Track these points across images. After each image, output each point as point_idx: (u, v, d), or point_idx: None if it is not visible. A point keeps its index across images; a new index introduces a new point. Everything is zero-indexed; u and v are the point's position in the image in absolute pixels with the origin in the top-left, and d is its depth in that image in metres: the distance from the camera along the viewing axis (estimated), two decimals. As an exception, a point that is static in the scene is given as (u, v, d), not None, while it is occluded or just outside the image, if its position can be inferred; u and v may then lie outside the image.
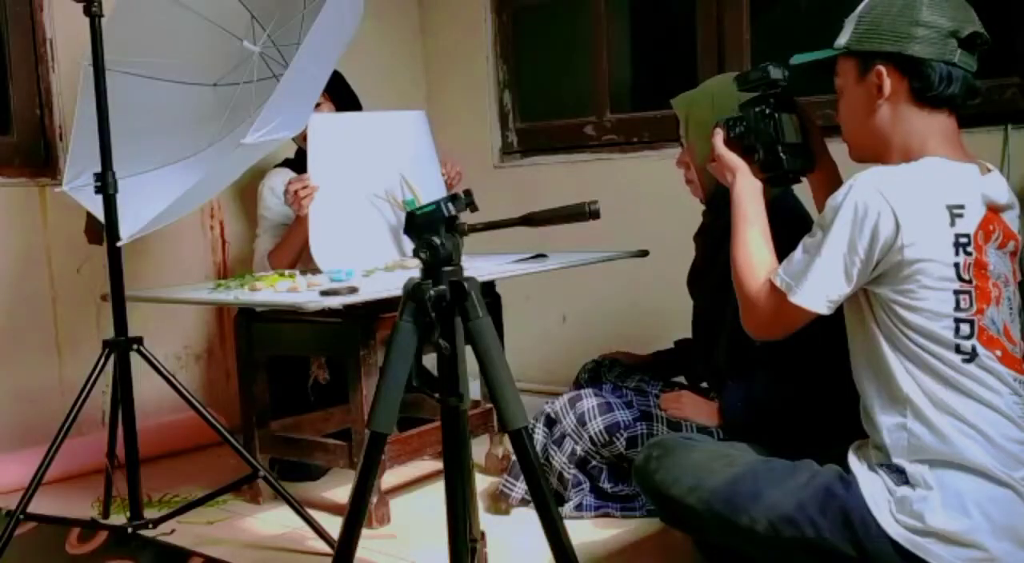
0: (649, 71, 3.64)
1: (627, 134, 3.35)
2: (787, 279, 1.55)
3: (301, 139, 2.77)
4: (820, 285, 1.52)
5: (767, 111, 1.77)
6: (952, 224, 1.49)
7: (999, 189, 1.56)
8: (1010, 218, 1.58)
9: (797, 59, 1.73)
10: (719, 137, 1.84)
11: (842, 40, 1.63)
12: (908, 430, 1.52)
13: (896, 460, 1.53)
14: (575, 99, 3.57)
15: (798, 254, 1.57)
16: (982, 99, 1.61)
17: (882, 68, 1.56)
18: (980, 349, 1.50)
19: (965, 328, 1.49)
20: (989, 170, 1.59)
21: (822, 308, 1.53)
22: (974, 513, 1.45)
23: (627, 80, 3.60)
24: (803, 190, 1.93)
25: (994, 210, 1.54)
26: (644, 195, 2.33)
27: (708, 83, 2.16)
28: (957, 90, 1.55)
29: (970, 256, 1.49)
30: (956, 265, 1.48)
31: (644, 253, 2.54)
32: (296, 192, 2.45)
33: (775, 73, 1.77)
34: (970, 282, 1.49)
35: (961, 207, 1.50)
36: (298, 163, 2.85)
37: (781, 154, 1.76)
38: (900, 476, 1.51)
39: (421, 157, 2.70)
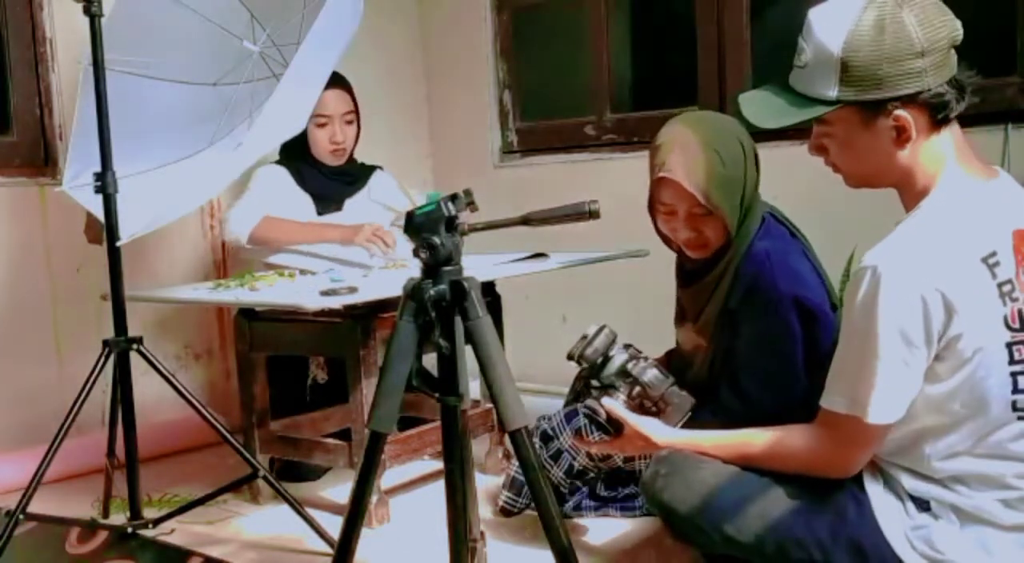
0: (649, 71, 3.64)
1: (627, 134, 3.35)
2: (853, 401, 1.42)
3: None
4: (892, 394, 1.40)
5: (640, 363, 1.69)
6: (993, 276, 1.38)
7: (1013, 198, 1.45)
8: None
9: (768, 124, 1.47)
10: (621, 409, 1.70)
11: (830, 92, 1.42)
12: (936, 499, 1.45)
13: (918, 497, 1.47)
14: (575, 99, 3.56)
15: (846, 368, 1.44)
16: (982, 98, 1.53)
17: (903, 113, 1.40)
18: None
19: None
20: (996, 173, 1.48)
21: (901, 414, 1.42)
22: (997, 553, 1.42)
23: (627, 80, 3.60)
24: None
25: (1020, 232, 1.42)
26: (644, 195, 2.32)
27: (692, 124, 1.95)
28: (965, 100, 1.43)
29: (1016, 301, 1.39)
30: (1005, 316, 1.38)
31: (644, 253, 2.54)
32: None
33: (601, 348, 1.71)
34: (1021, 330, 1.39)
35: (994, 254, 1.39)
36: (286, 160, 2.82)
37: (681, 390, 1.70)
38: (922, 504, 1.46)
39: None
